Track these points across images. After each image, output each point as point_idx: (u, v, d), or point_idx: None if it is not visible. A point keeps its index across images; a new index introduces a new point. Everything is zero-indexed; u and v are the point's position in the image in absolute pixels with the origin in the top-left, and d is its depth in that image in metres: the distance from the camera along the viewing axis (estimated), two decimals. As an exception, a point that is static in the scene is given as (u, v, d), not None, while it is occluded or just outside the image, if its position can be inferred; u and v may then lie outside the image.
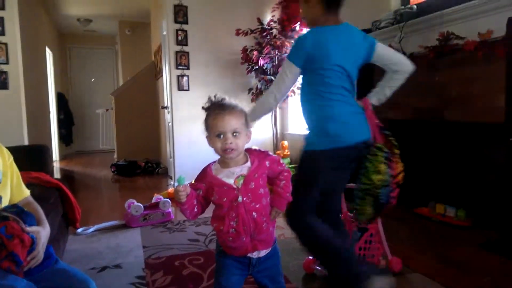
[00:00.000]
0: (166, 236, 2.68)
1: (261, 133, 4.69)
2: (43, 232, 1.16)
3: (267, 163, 1.21)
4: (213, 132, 1.17)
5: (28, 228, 1.11)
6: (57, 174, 5.40)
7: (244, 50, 4.27)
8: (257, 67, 4.22)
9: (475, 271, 1.84)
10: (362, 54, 1.60)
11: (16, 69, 3.87)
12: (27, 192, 1.33)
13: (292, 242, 2.48)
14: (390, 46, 2.60)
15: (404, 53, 2.53)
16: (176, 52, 4.32)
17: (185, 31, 4.32)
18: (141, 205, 2.93)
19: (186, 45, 4.35)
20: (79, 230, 2.71)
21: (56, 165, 6.52)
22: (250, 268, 1.25)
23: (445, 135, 2.49)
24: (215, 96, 1.21)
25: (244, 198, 1.16)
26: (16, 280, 1.00)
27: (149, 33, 7.14)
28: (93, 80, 8.61)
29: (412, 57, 2.47)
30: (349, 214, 2.10)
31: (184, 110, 4.39)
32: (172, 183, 4.48)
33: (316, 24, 1.59)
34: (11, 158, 1.27)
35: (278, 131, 4.61)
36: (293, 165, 4.02)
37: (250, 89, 4.47)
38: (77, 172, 5.98)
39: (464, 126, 2.28)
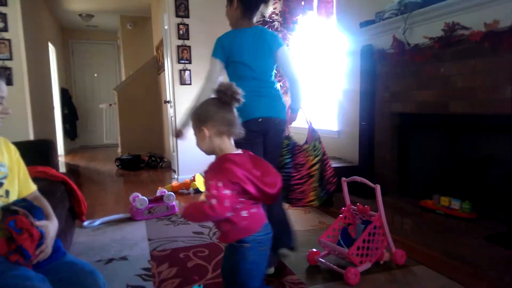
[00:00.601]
0: (171, 229, 2.70)
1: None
2: (51, 226, 1.17)
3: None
4: None
5: (37, 223, 1.12)
6: (62, 169, 5.43)
7: (247, 43, 4.25)
8: (260, 60, 4.20)
9: (480, 264, 1.84)
10: (272, 54, 1.90)
11: (20, 65, 3.88)
12: (34, 187, 1.34)
13: (296, 235, 2.49)
14: (394, 37, 2.59)
15: (409, 44, 2.51)
16: (178, 46, 4.31)
17: (186, 25, 4.31)
18: (146, 199, 2.95)
19: (188, 39, 4.34)
20: (85, 223, 2.74)
21: (61, 159, 6.57)
22: None
23: (450, 127, 2.48)
24: None
25: None
26: (27, 271, 1.01)
27: (151, 28, 7.12)
28: (95, 75, 8.62)
29: (416, 48, 2.46)
30: (352, 207, 2.10)
31: (187, 104, 4.36)
32: (175, 176, 4.49)
33: (234, 25, 1.98)
34: (18, 153, 1.29)
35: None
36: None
37: (253, 83, 4.45)
38: (82, 166, 6.01)
39: (470, 118, 2.26)
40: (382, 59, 2.77)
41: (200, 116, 1.25)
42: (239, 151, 1.26)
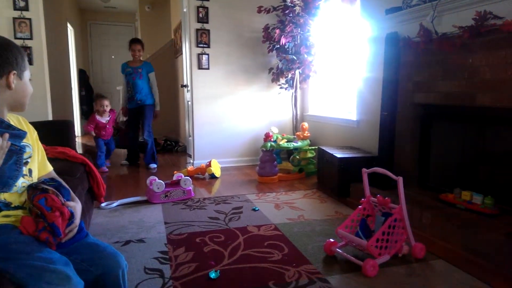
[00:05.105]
0: (187, 213, 2.71)
1: (280, 114, 4.65)
2: (78, 207, 1.18)
3: None
4: None
5: (67, 202, 1.13)
6: (79, 150, 5.51)
7: (266, 28, 4.18)
8: (278, 46, 4.13)
9: (501, 260, 1.79)
10: None
11: (40, 45, 3.90)
12: (50, 167, 1.34)
13: (311, 224, 2.48)
14: (421, 25, 2.50)
15: (437, 33, 2.42)
16: (197, 30, 4.26)
17: (206, 8, 4.25)
18: (163, 182, 2.97)
19: (207, 22, 4.28)
20: (103, 205, 2.78)
21: (78, 140, 6.66)
22: None
23: (475, 119, 2.40)
24: None
25: None
26: (51, 253, 1.02)
27: (169, 10, 7.06)
28: (113, 57, 8.64)
29: (444, 37, 2.37)
30: (372, 198, 2.07)
31: (204, 89, 4.37)
32: (191, 161, 4.51)
33: None
34: (36, 133, 1.29)
35: (298, 112, 4.55)
36: (313, 147, 3.98)
37: (270, 69, 4.40)
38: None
39: (497, 111, 2.18)
40: (407, 47, 2.69)
41: None
42: None
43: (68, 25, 6.41)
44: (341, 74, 3.92)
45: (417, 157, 2.77)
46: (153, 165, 4.36)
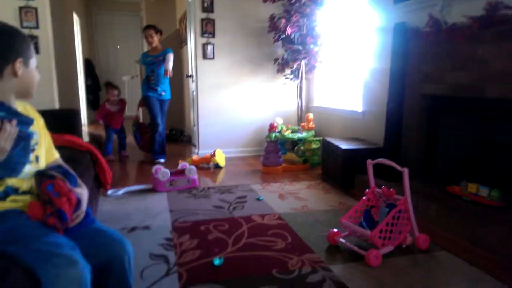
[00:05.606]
0: (192, 201, 2.73)
1: (285, 105, 4.63)
2: (85, 193, 1.19)
3: None
4: None
5: (74, 189, 1.14)
6: (85, 138, 5.54)
7: (272, 18, 4.14)
8: (284, 36, 4.10)
9: (506, 252, 1.79)
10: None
11: (46, 34, 3.90)
12: (57, 155, 1.35)
13: (315, 214, 2.49)
14: (430, 15, 2.46)
15: (446, 23, 2.38)
16: (202, 20, 4.24)
17: (211, -3, 4.21)
18: (168, 171, 2.99)
19: (212, 12, 4.25)
20: (109, 192, 2.81)
21: (84, 129, 6.70)
22: None
23: (484, 111, 2.37)
24: None
25: None
26: (58, 237, 1.03)
27: (174, 0, 7.01)
28: (118, 47, 8.63)
29: (454, 27, 2.33)
30: (376, 189, 2.07)
31: (209, 79, 4.36)
32: (196, 151, 4.53)
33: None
34: (42, 121, 1.29)
35: (303, 103, 4.53)
36: (317, 138, 3.97)
37: (276, 59, 4.37)
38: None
39: (506, 103, 2.15)
40: (415, 38, 2.65)
41: None
42: None
43: (74, 15, 6.40)
44: (347, 65, 3.88)
45: (424, 149, 2.75)
46: (162, 159, 4.12)
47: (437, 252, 1.93)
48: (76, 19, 6.66)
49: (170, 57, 3.92)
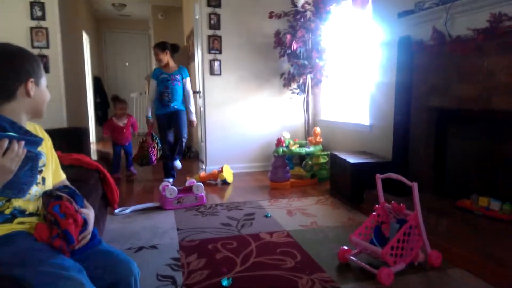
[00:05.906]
0: (199, 219, 2.72)
1: (292, 119, 4.63)
2: (91, 214, 1.19)
3: None
4: None
5: (80, 210, 1.14)
6: (93, 156, 5.59)
7: (277, 33, 4.18)
8: (290, 51, 4.13)
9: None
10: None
11: (56, 53, 3.99)
12: (63, 175, 1.36)
13: (324, 231, 2.46)
14: (434, 28, 2.46)
15: (450, 36, 2.38)
16: (209, 36, 4.30)
17: (217, 15, 4.28)
18: (176, 188, 2.99)
19: (219, 29, 4.31)
20: (116, 211, 2.81)
21: (93, 146, 6.77)
22: None
23: (492, 123, 2.34)
24: None
25: None
26: (64, 260, 1.03)
27: (181, 18, 7.14)
28: (127, 64, 8.79)
29: (458, 40, 2.33)
30: (386, 204, 2.03)
31: (216, 95, 4.39)
32: (203, 167, 4.53)
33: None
34: (50, 141, 1.30)
35: (310, 117, 4.52)
36: (325, 152, 3.95)
37: (282, 74, 4.40)
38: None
39: (514, 115, 2.13)
40: (420, 51, 2.65)
41: None
42: None
43: (84, 33, 6.55)
44: (353, 78, 3.89)
45: (433, 162, 2.72)
46: (179, 165, 3.95)
47: (449, 269, 1.88)
48: (85, 38, 6.81)
49: (190, 87, 3.89)
